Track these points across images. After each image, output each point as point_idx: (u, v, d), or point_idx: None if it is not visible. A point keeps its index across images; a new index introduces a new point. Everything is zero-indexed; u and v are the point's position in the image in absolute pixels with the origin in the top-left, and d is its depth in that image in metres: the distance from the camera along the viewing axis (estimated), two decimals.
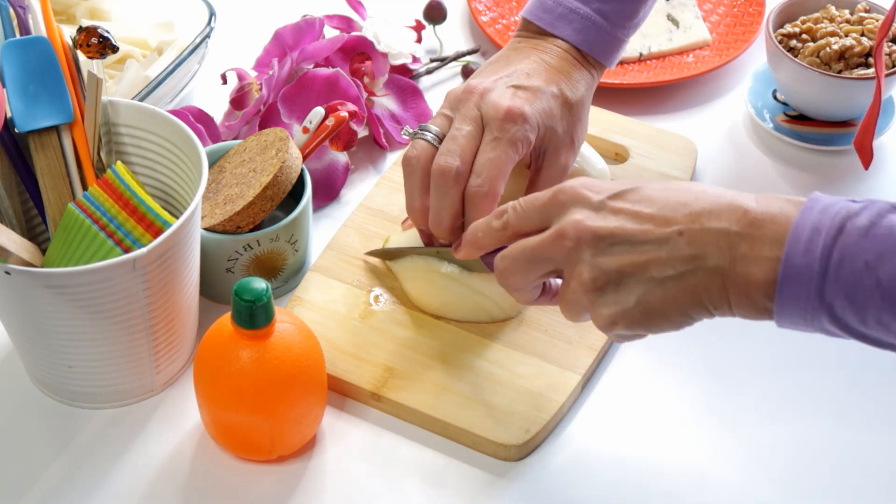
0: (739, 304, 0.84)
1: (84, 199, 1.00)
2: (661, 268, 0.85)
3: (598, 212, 0.88)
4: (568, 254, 0.88)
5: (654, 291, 0.86)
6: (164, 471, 1.01)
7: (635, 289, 0.86)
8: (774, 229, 0.82)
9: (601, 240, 0.87)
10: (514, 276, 0.92)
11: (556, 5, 1.09)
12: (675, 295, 0.85)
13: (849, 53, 1.23)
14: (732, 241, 0.84)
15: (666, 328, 0.87)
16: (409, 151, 1.04)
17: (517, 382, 1.04)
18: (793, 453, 1.02)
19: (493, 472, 1.01)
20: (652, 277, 0.85)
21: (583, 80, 1.08)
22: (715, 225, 0.84)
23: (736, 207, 0.84)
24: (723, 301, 0.85)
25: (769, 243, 0.82)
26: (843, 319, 0.81)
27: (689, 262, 0.85)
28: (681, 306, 0.86)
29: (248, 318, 0.94)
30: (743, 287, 0.83)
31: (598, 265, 0.87)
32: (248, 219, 1.07)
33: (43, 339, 1.00)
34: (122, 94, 1.21)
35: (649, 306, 0.86)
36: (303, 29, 1.26)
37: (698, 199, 0.86)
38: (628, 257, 0.86)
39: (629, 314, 0.87)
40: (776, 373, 1.07)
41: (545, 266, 0.90)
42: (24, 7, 1.05)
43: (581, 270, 0.87)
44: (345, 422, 1.04)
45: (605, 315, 0.87)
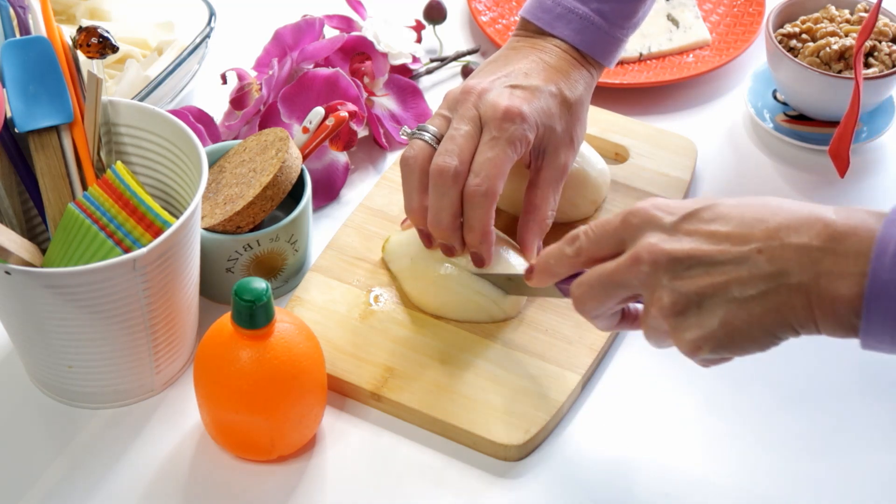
0: (825, 322, 0.82)
1: (84, 199, 1.00)
2: (742, 287, 0.82)
3: (672, 234, 0.85)
4: (645, 279, 0.86)
5: (737, 312, 0.83)
6: (164, 471, 1.01)
7: (717, 311, 0.83)
8: (858, 243, 0.80)
9: (678, 263, 0.84)
10: (590, 303, 0.90)
11: (554, 5, 1.08)
12: (760, 315, 0.82)
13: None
14: (814, 256, 0.81)
15: (752, 349, 0.85)
16: (407, 151, 1.04)
17: (517, 382, 1.04)
18: (794, 454, 1.02)
19: (493, 472, 1.01)
20: (734, 298, 0.83)
21: (582, 80, 1.08)
22: (795, 240, 0.82)
23: (815, 221, 0.82)
24: (808, 319, 0.82)
25: (853, 258, 0.80)
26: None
27: (770, 279, 0.82)
28: (766, 326, 0.83)
29: (248, 318, 0.94)
30: (829, 304, 0.81)
31: (676, 289, 0.84)
32: (248, 219, 1.07)
33: (43, 339, 1.00)
34: (122, 94, 1.21)
35: (733, 328, 0.83)
36: (303, 29, 1.26)
37: (775, 214, 0.83)
38: (707, 279, 0.83)
39: (714, 337, 0.84)
40: (777, 373, 1.07)
41: (622, 292, 0.88)
42: (24, 7, 1.05)
43: (660, 296, 0.85)
44: (345, 422, 1.04)
45: (688, 340, 0.85)
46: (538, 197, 1.07)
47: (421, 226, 1.06)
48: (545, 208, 1.07)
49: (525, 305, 1.09)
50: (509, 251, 1.08)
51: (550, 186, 1.07)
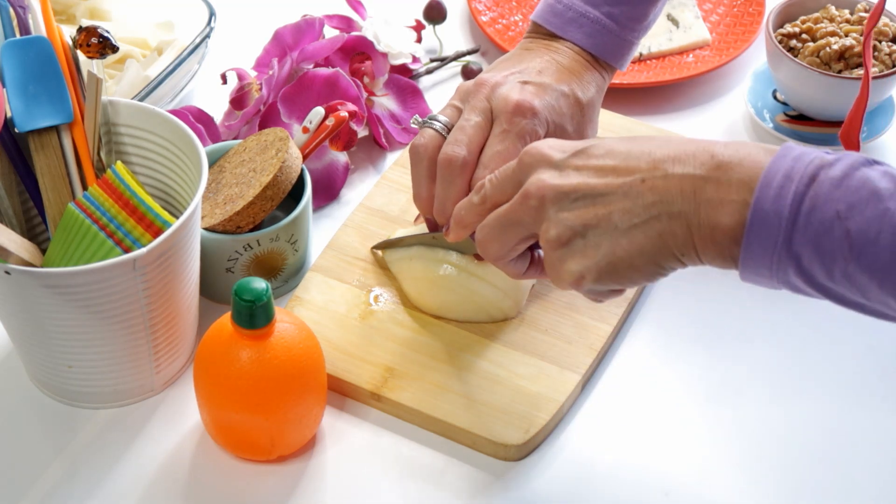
0: (706, 251, 0.83)
1: (84, 199, 1.00)
2: (625, 216, 0.84)
3: (560, 170, 0.88)
4: (535, 214, 0.88)
5: (620, 241, 0.85)
6: (164, 471, 1.01)
7: (600, 241, 0.85)
8: (743, 173, 0.81)
9: (564, 196, 0.87)
10: (492, 245, 0.92)
11: (565, 9, 1.09)
12: (641, 242, 0.84)
13: (849, 53, 1.23)
14: (697, 184, 0.82)
15: (636, 279, 0.86)
16: (417, 139, 1.04)
17: (517, 382, 1.04)
18: (794, 454, 1.02)
19: (493, 472, 1.01)
20: (616, 227, 0.85)
21: (594, 82, 1.08)
22: (679, 170, 0.83)
23: (701, 152, 0.83)
24: (689, 247, 0.83)
25: (737, 187, 0.81)
26: (810, 271, 0.80)
27: (652, 207, 0.83)
28: (648, 254, 0.84)
29: (248, 318, 0.94)
30: (709, 232, 0.82)
31: (561, 220, 0.86)
32: (248, 219, 1.07)
33: (43, 339, 1.00)
34: (122, 94, 1.21)
35: (615, 257, 0.85)
36: (303, 29, 1.26)
37: (661, 147, 0.85)
38: (591, 210, 0.85)
39: (596, 267, 0.86)
40: (778, 373, 1.07)
41: (518, 230, 0.90)
42: (24, 7, 1.05)
43: (547, 228, 0.87)
44: (345, 422, 1.04)
45: (572, 270, 0.87)
46: None
47: (427, 214, 1.06)
48: None
49: (525, 305, 1.09)
50: None
51: None
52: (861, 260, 0.78)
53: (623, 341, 1.10)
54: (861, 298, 0.80)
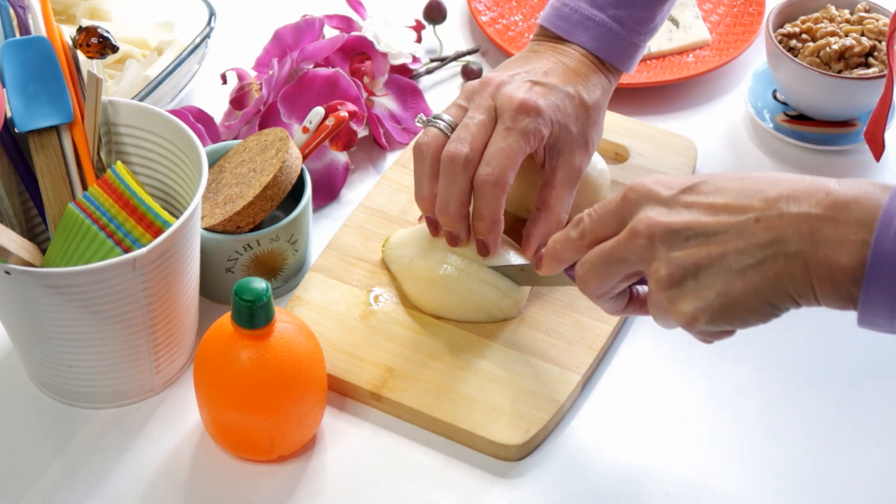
0: (824, 292, 0.80)
1: (84, 199, 1.00)
2: (739, 257, 0.81)
3: (670, 207, 0.85)
4: (642, 252, 0.85)
5: (734, 282, 0.82)
6: (164, 471, 1.01)
7: (714, 281, 0.82)
8: (861, 211, 0.79)
9: (675, 234, 0.84)
10: (593, 282, 0.89)
11: (572, 13, 1.09)
12: (757, 284, 0.81)
13: (849, 53, 1.23)
14: (814, 224, 0.80)
15: (751, 321, 0.83)
16: (421, 138, 1.04)
17: (517, 382, 1.04)
18: (794, 454, 1.02)
19: (493, 472, 1.01)
20: (730, 267, 0.82)
21: (599, 84, 1.08)
22: (794, 209, 0.80)
23: (816, 190, 0.81)
24: (806, 288, 0.81)
25: (855, 226, 0.78)
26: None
27: (767, 247, 0.81)
28: (763, 295, 0.82)
29: (248, 318, 0.94)
30: (827, 273, 0.79)
31: (673, 260, 0.83)
32: (248, 219, 1.07)
33: (43, 339, 1.00)
34: (122, 94, 1.21)
35: (730, 298, 0.82)
36: (303, 29, 1.26)
37: (775, 184, 0.82)
38: (704, 249, 0.83)
39: (710, 308, 0.83)
40: (778, 374, 1.07)
41: (622, 268, 0.87)
42: (24, 7, 1.05)
43: (657, 267, 0.84)
44: (345, 422, 1.04)
45: (684, 311, 0.84)
46: (552, 196, 1.07)
47: (429, 213, 1.06)
48: (559, 209, 1.07)
49: (525, 305, 1.09)
50: (509, 250, 1.08)
51: (565, 187, 1.07)
52: None
53: (623, 341, 1.10)
54: None
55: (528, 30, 1.39)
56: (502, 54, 1.36)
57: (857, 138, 1.26)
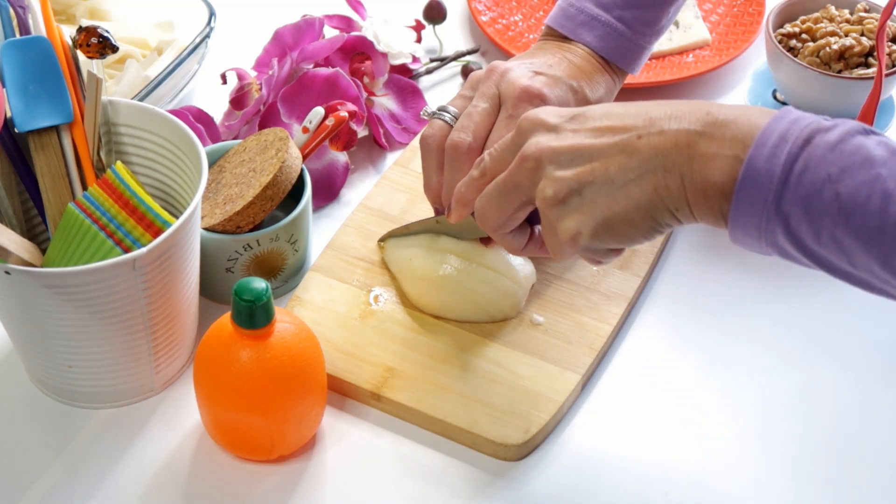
0: (698, 206, 0.83)
1: (84, 199, 1.00)
2: (621, 172, 0.85)
3: (558, 132, 0.89)
4: (532, 176, 0.89)
5: (616, 196, 0.85)
6: (164, 471, 1.01)
7: (597, 197, 0.86)
8: (738, 130, 0.82)
9: (560, 155, 0.87)
10: (490, 214, 0.93)
11: (577, 13, 1.09)
12: (637, 197, 0.84)
13: (849, 53, 1.23)
14: (692, 138, 0.83)
15: (633, 235, 0.86)
16: (427, 130, 1.05)
17: (517, 382, 1.04)
18: (794, 455, 1.02)
19: (493, 472, 1.01)
20: (613, 182, 0.85)
21: (604, 83, 1.09)
22: (675, 126, 0.84)
23: (697, 109, 0.84)
24: (682, 201, 0.84)
25: (731, 142, 0.81)
26: (798, 233, 0.80)
27: (647, 162, 0.84)
28: (644, 209, 0.85)
29: (248, 318, 0.94)
30: (701, 186, 0.82)
31: (558, 178, 0.87)
32: (247, 219, 1.07)
33: (43, 339, 1.00)
34: (122, 94, 1.21)
35: (612, 212, 0.85)
36: (303, 29, 1.26)
37: (658, 106, 0.86)
38: (588, 167, 0.86)
39: (593, 222, 0.86)
40: (778, 374, 1.07)
41: (516, 195, 0.91)
42: (24, 7, 1.05)
43: (543, 187, 0.88)
44: (345, 422, 1.04)
45: (569, 228, 0.87)
46: None
47: (437, 204, 1.07)
48: None
49: (525, 305, 1.09)
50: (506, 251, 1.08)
51: None
52: (849, 223, 0.78)
53: (623, 341, 1.10)
54: (847, 265, 0.80)
55: (528, 30, 1.39)
56: (502, 54, 1.36)
57: None
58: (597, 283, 1.11)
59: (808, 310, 1.11)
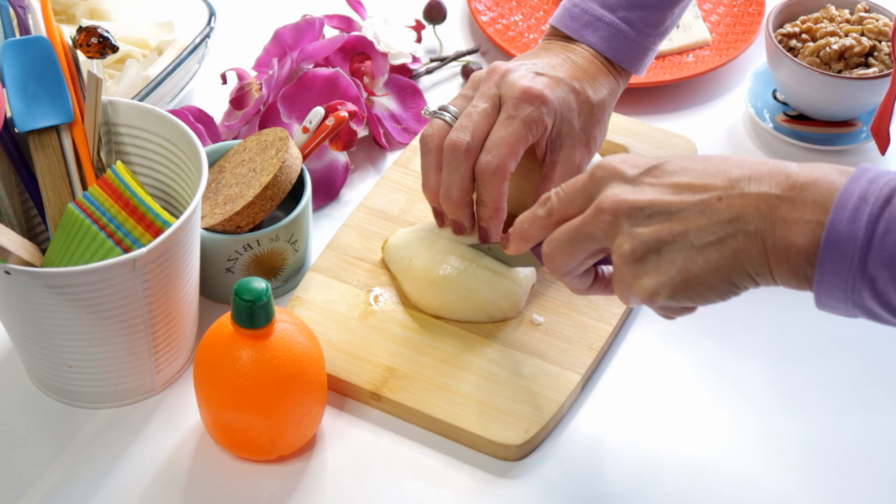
0: (780, 271, 0.82)
1: (84, 199, 1.00)
2: (700, 234, 0.84)
3: (635, 185, 0.87)
4: (607, 228, 0.87)
5: (695, 258, 0.84)
6: (164, 471, 1.01)
7: (675, 257, 0.84)
8: (818, 193, 0.81)
9: (639, 211, 0.86)
10: (559, 258, 0.91)
11: (582, 13, 1.09)
12: (716, 260, 0.83)
13: (849, 53, 1.23)
14: (773, 204, 0.82)
15: (710, 297, 0.85)
16: (426, 130, 1.05)
17: (517, 382, 1.04)
18: (794, 456, 1.02)
19: (493, 472, 1.01)
20: (692, 244, 0.84)
21: (607, 85, 1.09)
22: (755, 189, 0.83)
23: (777, 172, 0.83)
24: (764, 266, 0.83)
25: (812, 207, 0.81)
26: (885, 295, 0.80)
27: (727, 225, 0.83)
28: (722, 272, 0.84)
29: (248, 318, 0.94)
30: (783, 252, 0.81)
31: (636, 235, 0.85)
32: (247, 219, 1.07)
33: (43, 339, 1.00)
34: (122, 94, 1.21)
35: (690, 274, 0.84)
36: (303, 29, 1.26)
37: (737, 165, 0.85)
38: (667, 226, 0.85)
39: (671, 283, 0.85)
40: (778, 374, 1.07)
41: (588, 244, 0.89)
42: (24, 7, 1.05)
43: (621, 243, 0.86)
44: (345, 422, 1.04)
45: (646, 286, 0.86)
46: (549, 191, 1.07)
47: (435, 204, 1.07)
48: None
49: (525, 305, 1.09)
50: None
51: (563, 182, 1.07)
52: None
53: (623, 341, 1.10)
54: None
55: (528, 30, 1.39)
56: (502, 54, 1.36)
57: (857, 138, 1.26)
58: None
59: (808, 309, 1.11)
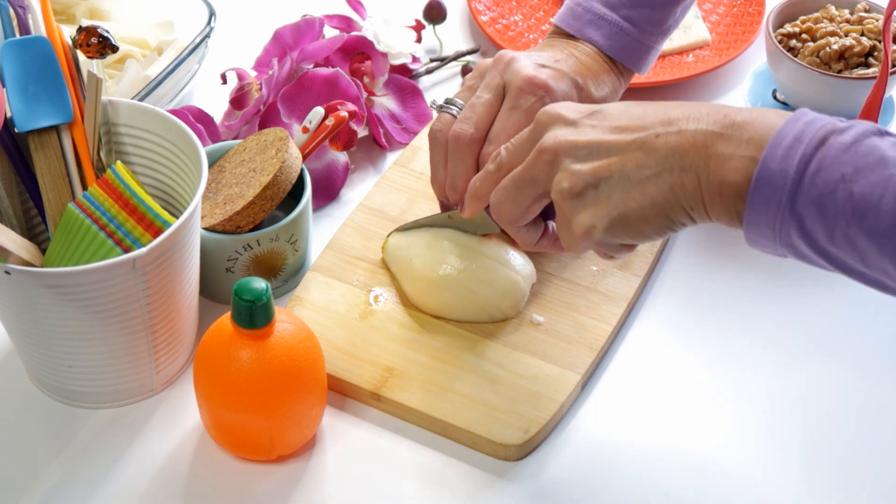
0: (713, 206, 0.84)
1: (84, 199, 1.00)
2: (638, 169, 0.86)
3: (576, 127, 0.90)
4: (548, 168, 0.90)
5: (632, 192, 0.86)
6: (164, 471, 1.01)
7: (612, 192, 0.87)
8: (754, 132, 0.83)
9: (578, 149, 0.88)
10: (506, 206, 0.93)
11: (584, 12, 1.10)
12: (653, 194, 0.86)
13: (849, 53, 1.23)
14: (709, 139, 0.84)
15: (647, 232, 0.87)
16: (434, 125, 1.06)
17: (517, 382, 1.04)
18: (793, 456, 1.02)
19: (493, 472, 1.01)
20: (629, 179, 0.86)
21: (609, 83, 1.09)
22: (693, 126, 0.85)
23: (715, 112, 0.85)
24: (698, 200, 0.85)
25: (747, 144, 0.83)
26: (812, 233, 0.81)
27: (664, 161, 0.85)
28: (659, 206, 0.86)
29: (248, 318, 0.94)
30: (717, 186, 0.83)
31: (574, 172, 0.88)
32: (247, 219, 1.07)
33: (43, 339, 1.00)
34: (122, 94, 1.21)
35: (627, 208, 0.86)
36: (303, 29, 1.26)
37: (676, 107, 0.87)
38: (605, 161, 0.87)
39: (608, 217, 0.87)
40: (778, 373, 1.07)
41: (532, 188, 0.91)
42: (24, 7, 1.05)
43: (559, 179, 0.89)
44: (345, 422, 1.04)
45: (583, 222, 0.88)
46: None
47: (443, 198, 1.07)
48: None
49: (525, 305, 1.09)
50: (507, 247, 1.08)
51: None
52: (862, 223, 0.79)
53: (623, 341, 1.10)
54: (862, 266, 0.81)
55: (528, 30, 1.39)
56: None
57: None
58: (597, 283, 1.11)
59: (808, 308, 1.11)
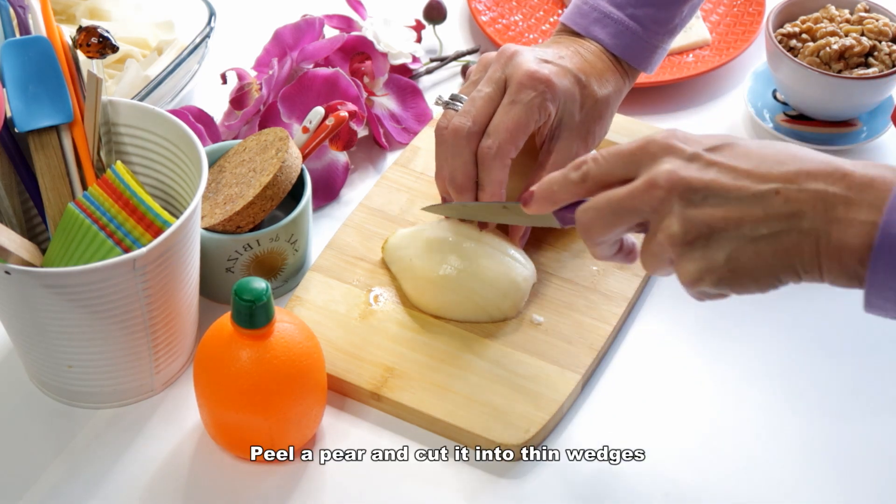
0: (831, 270, 0.81)
1: (84, 199, 1.00)
2: (755, 225, 0.82)
3: (692, 163, 0.84)
4: (658, 205, 0.84)
5: (745, 249, 0.82)
6: (164, 471, 1.01)
7: (725, 245, 0.82)
8: (874, 194, 0.80)
9: (694, 192, 0.83)
10: (597, 229, 0.87)
11: (591, 10, 1.10)
12: (767, 255, 0.82)
13: (849, 53, 1.23)
14: (830, 203, 0.80)
15: (752, 289, 0.83)
16: (440, 122, 1.06)
17: (517, 382, 1.04)
18: (795, 453, 1.02)
19: (493, 472, 1.01)
20: (744, 235, 0.82)
21: (613, 82, 1.09)
22: (813, 186, 0.81)
23: (835, 170, 0.81)
24: (814, 265, 0.81)
25: (867, 208, 0.80)
26: None
27: (784, 221, 0.81)
28: (771, 267, 0.82)
29: (248, 318, 0.94)
30: (836, 251, 0.80)
31: (689, 218, 0.83)
32: (247, 219, 1.07)
33: (43, 339, 1.00)
34: (122, 94, 1.21)
35: (738, 264, 0.82)
36: (303, 29, 1.26)
37: (795, 158, 0.83)
38: (721, 212, 0.82)
39: (717, 271, 0.83)
40: (778, 373, 1.07)
41: (631, 218, 0.86)
42: (24, 7, 1.05)
43: (671, 223, 0.83)
44: (345, 422, 1.04)
45: (691, 270, 0.83)
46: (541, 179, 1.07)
47: (445, 193, 1.07)
48: None
49: (525, 305, 1.09)
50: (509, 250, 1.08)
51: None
52: None
53: (623, 341, 1.10)
54: None
55: (528, 30, 1.39)
56: None
57: (857, 138, 1.26)
58: (597, 283, 1.11)
59: (808, 308, 1.11)
